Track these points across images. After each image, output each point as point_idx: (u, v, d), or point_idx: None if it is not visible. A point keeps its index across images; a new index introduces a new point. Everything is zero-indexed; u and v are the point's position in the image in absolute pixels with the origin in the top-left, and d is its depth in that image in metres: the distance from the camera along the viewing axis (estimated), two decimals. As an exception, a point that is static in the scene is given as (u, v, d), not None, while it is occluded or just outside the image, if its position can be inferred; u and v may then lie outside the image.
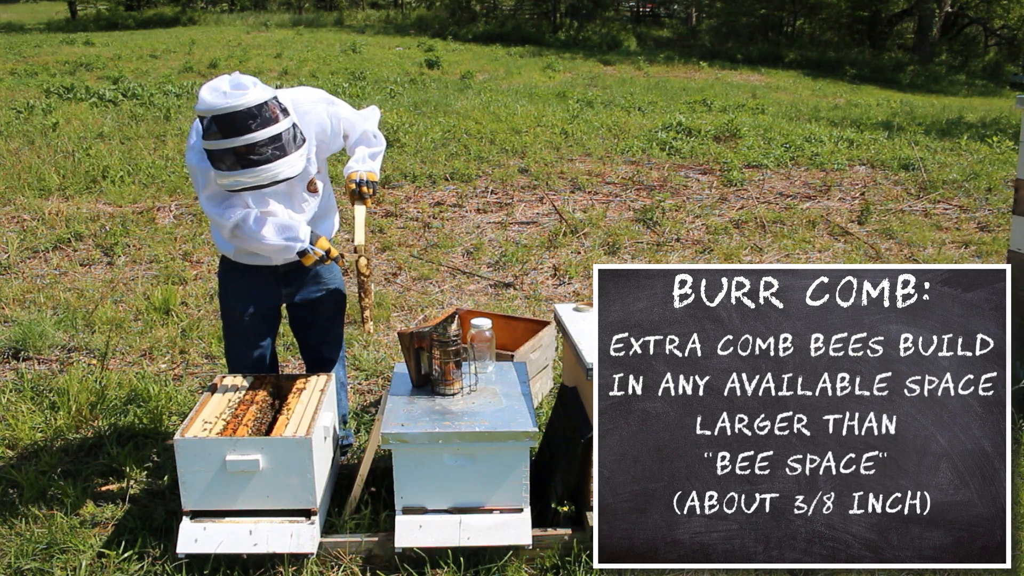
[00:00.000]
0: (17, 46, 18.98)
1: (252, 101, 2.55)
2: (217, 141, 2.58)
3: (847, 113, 12.57)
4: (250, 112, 2.55)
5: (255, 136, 2.57)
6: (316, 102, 2.90)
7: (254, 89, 2.58)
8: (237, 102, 2.54)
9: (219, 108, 2.54)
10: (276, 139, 2.61)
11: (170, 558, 2.65)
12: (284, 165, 2.65)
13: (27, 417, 3.58)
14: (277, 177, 2.65)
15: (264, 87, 2.64)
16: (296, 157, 2.69)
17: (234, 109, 2.53)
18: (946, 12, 24.27)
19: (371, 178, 2.97)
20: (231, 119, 2.54)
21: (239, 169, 2.61)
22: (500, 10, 29.76)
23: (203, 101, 2.55)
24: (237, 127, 2.55)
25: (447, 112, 10.32)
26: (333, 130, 2.95)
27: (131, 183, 7.12)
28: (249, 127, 2.56)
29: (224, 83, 2.59)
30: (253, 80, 2.62)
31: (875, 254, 6.16)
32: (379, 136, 3.08)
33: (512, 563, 2.66)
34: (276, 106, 2.64)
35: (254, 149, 2.58)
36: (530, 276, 5.65)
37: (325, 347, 3.26)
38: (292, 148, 2.67)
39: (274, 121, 2.60)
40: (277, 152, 2.62)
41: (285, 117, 2.65)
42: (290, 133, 2.67)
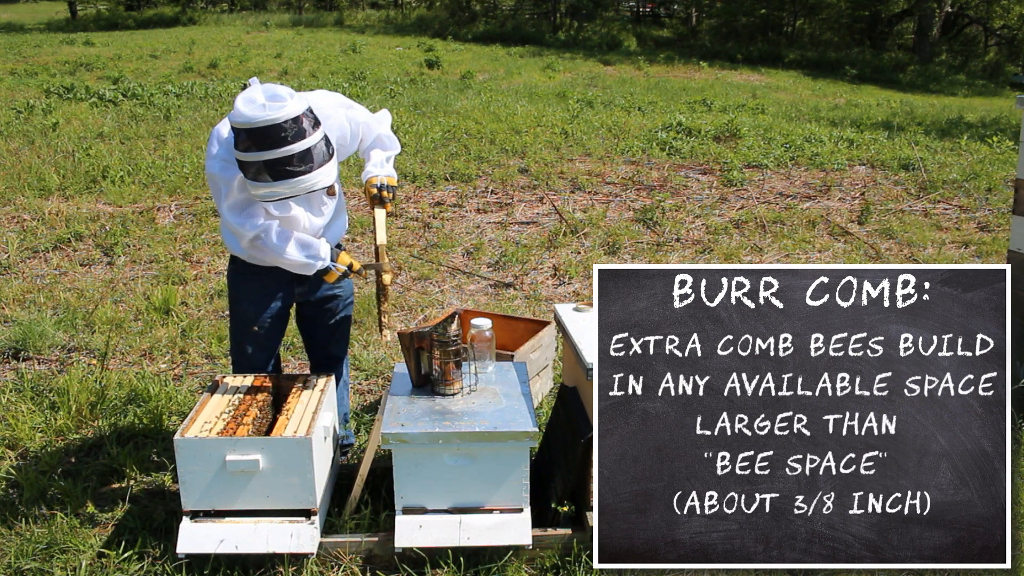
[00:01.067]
0: (17, 46, 18.98)
1: (290, 114, 2.53)
2: (253, 153, 2.56)
3: (847, 113, 12.57)
4: (287, 124, 2.53)
5: (292, 148, 2.55)
6: (336, 107, 2.90)
7: (291, 101, 2.55)
8: (276, 115, 2.51)
9: (258, 121, 2.51)
10: (313, 149, 2.60)
11: (170, 558, 2.65)
12: (320, 175, 2.64)
13: (27, 417, 3.58)
14: (314, 187, 2.65)
15: (300, 98, 2.61)
16: (330, 166, 2.69)
17: (273, 122, 2.51)
18: (946, 12, 24.28)
19: (391, 183, 3.00)
20: (268, 131, 2.52)
21: (276, 180, 2.59)
22: (500, 10, 29.76)
23: (240, 114, 2.52)
24: (274, 139, 2.53)
25: (447, 112, 10.32)
26: (352, 134, 2.96)
27: (131, 183, 7.12)
28: (285, 139, 2.54)
29: (260, 94, 2.56)
30: (288, 91, 2.60)
31: (875, 254, 6.16)
32: (393, 139, 3.10)
33: (512, 563, 2.66)
34: (311, 117, 2.62)
35: (291, 161, 2.56)
36: (530, 276, 5.65)
37: (334, 345, 3.27)
38: (326, 157, 2.66)
39: (309, 133, 2.59)
40: (313, 163, 2.60)
41: (318, 128, 2.64)
42: (323, 143, 2.66)
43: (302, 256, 2.82)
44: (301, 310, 3.19)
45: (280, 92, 2.57)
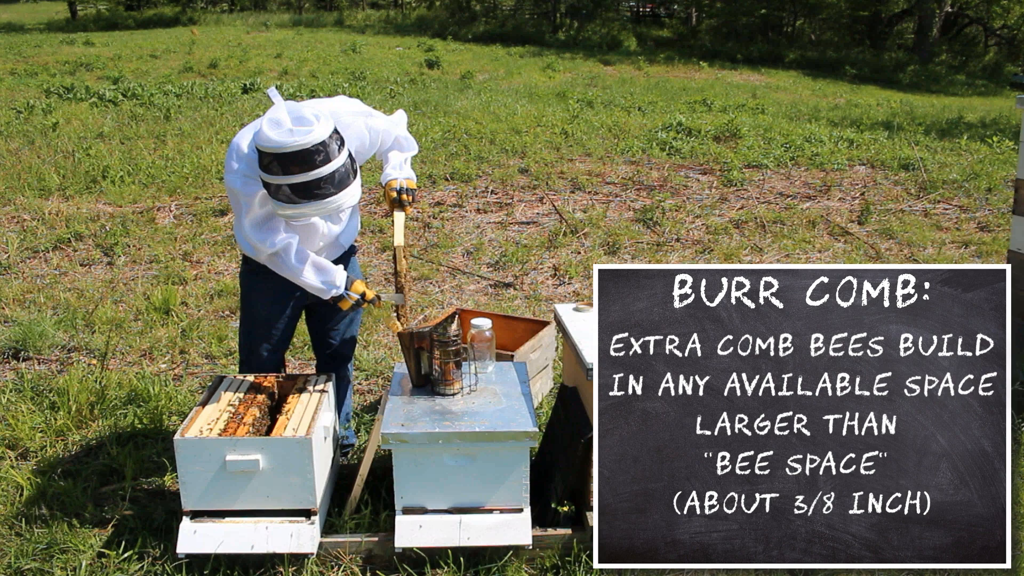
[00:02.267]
0: (17, 46, 18.97)
1: (317, 138, 2.52)
2: (280, 176, 2.55)
3: (847, 113, 12.57)
4: (317, 147, 2.52)
5: (320, 172, 2.54)
6: (355, 115, 2.90)
7: (318, 125, 2.53)
8: (303, 140, 2.50)
9: (287, 147, 2.50)
10: (340, 170, 2.59)
11: (170, 558, 2.65)
12: (346, 195, 2.64)
13: (27, 417, 3.58)
14: (342, 208, 2.66)
15: (325, 119, 2.59)
16: (356, 184, 2.69)
17: (300, 147, 2.50)
18: (946, 12, 24.27)
19: (410, 185, 3.01)
20: (295, 156, 2.51)
21: (303, 202, 2.59)
22: (500, 10, 29.76)
23: (268, 139, 2.51)
24: (301, 164, 2.52)
25: (447, 112, 10.32)
26: (371, 142, 2.97)
27: (131, 183, 7.12)
28: (313, 164, 2.52)
29: (287, 117, 2.54)
30: (315, 112, 2.58)
31: (875, 254, 6.16)
32: (410, 140, 3.10)
33: (512, 563, 2.66)
34: (337, 137, 2.61)
35: (319, 184, 2.56)
36: (530, 276, 5.65)
37: (343, 344, 3.28)
38: (351, 177, 2.66)
39: (335, 155, 2.58)
40: (339, 184, 2.60)
41: (343, 148, 2.63)
42: (348, 162, 2.65)
43: (318, 281, 2.84)
44: (312, 309, 3.20)
45: (306, 115, 2.55)
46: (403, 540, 2.62)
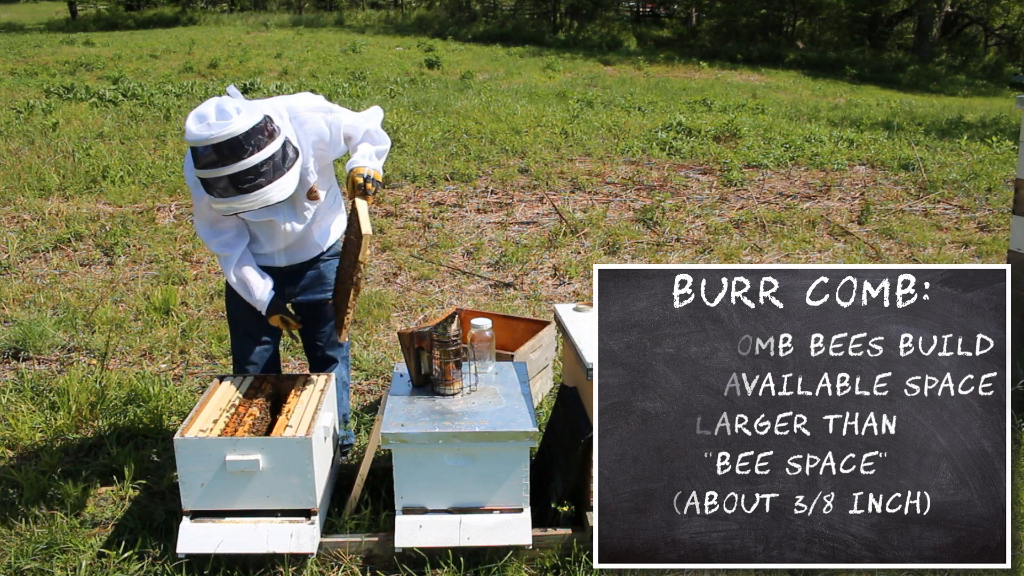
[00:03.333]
0: (17, 46, 18.97)
1: (236, 131, 2.51)
2: (204, 170, 2.57)
3: (847, 113, 12.57)
4: (235, 141, 2.51)
5: (242, 164, 2.53)
6: (314, 111, 2.86)
7: (238, 117, 2.52)
8: (220, 132, 2.49)
9: (203, 139, 2.51)
10: (264, 165, 2.57)
11: (170, 558, 2.65)
12: (274, 190, 2.62)
13: (27, 417, 3.58)
14: (269, 201, 2.63)
15: (250, 112, 2.57)
16: (287, 179, 2.66)
17: (217, 140, 2.50)
18: (946, 12, 24.27)
19: (376, 176, 2.91)
20: (216, 149, 2.52)
21: (230, 196, 2.59)
22: (500, 10, 29.76)
23: (188, 130, 2.53)
24: (222, 156, 2.52)
25: (447, 112, 10.32)
26: (333, 138, 2.91)
27: (131, 183, 7.12)
28: (235, 155, 2.52)
29: (211, 110, 2.54)
30: (238, 105, 2.56)
31: (875, 254, 6.16)
32: (383, 135, 3.02)
33: (512, 563, 2.66)
34: (263, 130, 2.58)
35: (242, 176, 2.55)
36: (530, 276, 5.65)
37: (328, 347, 3.26)
38: (282, 170, 2.63)
39: (260, 147, 2.55)
40: (265, 177, 2.58)
41: (271, 141, 2.60)
42: (279, 155, 2.62)
43: (243, 293, 2.97)
44: (296, 310, 3.20)
45: (227, 108, 2.54)
46: (403, 540, 2.62)
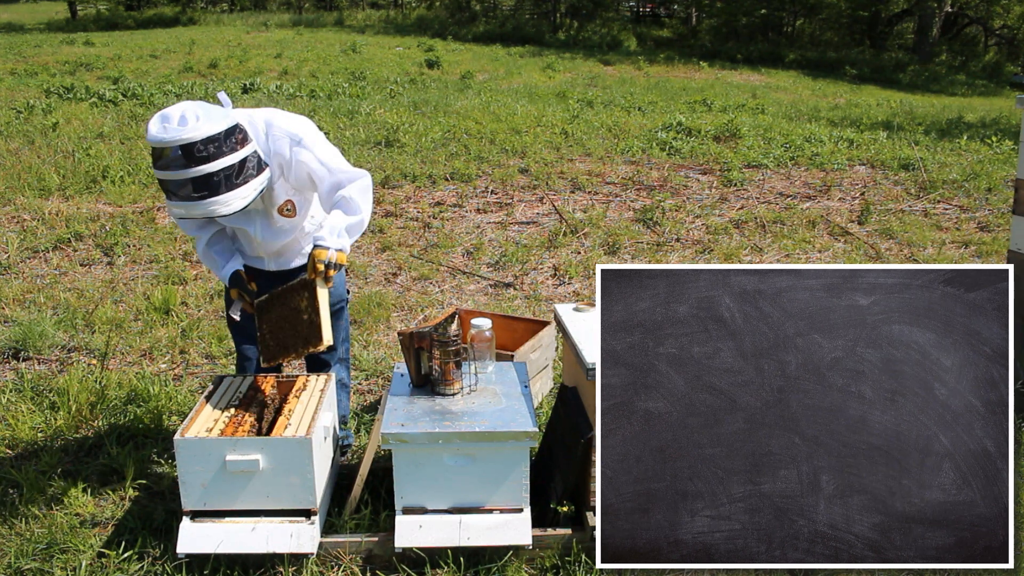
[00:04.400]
0: (17, 46, 18.97)
1: (190, 138, 2.48)
2: (155, 168, 2.57)
3: (847, 113, 12.57)
4: (187, 148, 2.49)
5: (187, 172, 2.51)
6: (283, 137, 2.77)
7: (197, 124, 2.49)
8: (173, 136, 2.48)
9: (155, 140, 2.50)
10: (212, 176, 2.53)
11: (170, 558, 2.64)
12: (217, 204, 2.57)
13: (27, 417, 3.58)
14: (212, 214, 2.60)
15: (215, 121, 2.53)
16: (236, 195, 2.59)
17: (168, 143, 2.48)
18: (946, 12, 24.27)
19: (340, 260, 2.72)
20: (163, 153, 2.51)
21: (173, 200, 2.58)
22: (500, 10, 29.76)
23: (148, 132, 2.52)
24: (171, 160, 2.51)
25: (447, 112, 10.32)
26: (296, 174, 2.80)
27: (131, 183, 7.11)
28: (184, 162, 2.50)
29: (175, 112, 2.52)
30: (204, 113, 2.53)
31: (875, 254, 6.16)
32: (356, 204, 2.77)
33: (512, 563, 2.66)
34: (222, 141, 2.54)
35: (186, 184, 2.53)
36: (530, 276, 5.64)
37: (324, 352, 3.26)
38: (233, 184, 2.58)
39: (211, 158, 2.51)
40: (210, 190, 2.54)
41: (228, 154, 2.55)
42: (234, 169, 2.57)
43: (211, 268, 3.03)
44: None
45: (190, 115, 2.51)
46: (403, 540, 2.61)
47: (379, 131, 8.95)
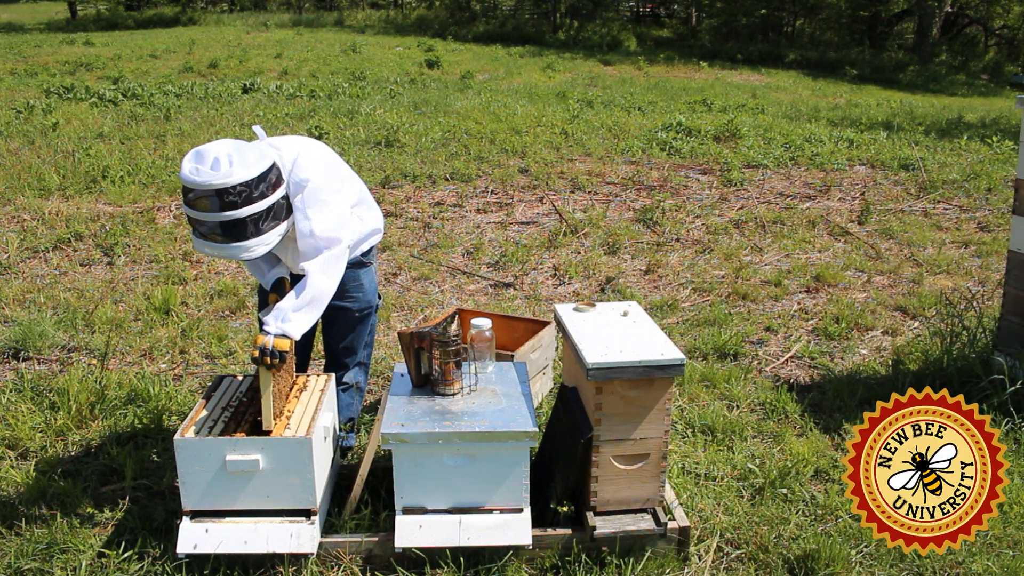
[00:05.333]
0: (17, 46, 18.98)
1: (219, 184, 2.46)
2: (185, 206, 2.57)
3: (847, 113, 12.57)
4: (206, 193, 2.48)
5: (200, 215, 2.51)
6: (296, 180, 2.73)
7: (228, 169, 2.47)
8: (199, 179, 2.46)
9: (187, 181, 2.49)
10: (236, 222, 2.52)
11: (170, 558, 2.64)
12: (241, 249, 2.57)
13: (27, 417, 3.58)
14: (234, 257, 2.60)
15: (243, 169, 2.50)
16: (261, 240, 2.59)
17: (195, 187, 2.48)
18: (946, 12, 24.27)
19: (279, 347, 2.64)
20: (189, 192, 2.51)
21: (197, 236, 2.59)
22: (500, 10, 29.77)
23: (181, 169, 2.50)
24: (193, 200, 2.51)
25: (447, 112, 10.32)
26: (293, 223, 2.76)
27: (131, 183, 7.11)
28: (201, 204, 2.50)
29: (209, 155, 2.49)
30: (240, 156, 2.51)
31: (875, 254, 6.16)
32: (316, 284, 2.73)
33: (512, 563, 2.66)
34: (249, 189, 2.51)
35: (202, 224, 2.53)
36: (530, 276, 5.65)
37: (341, 351, 3.29)
38: (257, 231, 2.57)
39: (239, 206, 2.50)
40: (232, 235, 2.54)
41: (254, 202, 2.53)
42: (259, 215, 2.55)
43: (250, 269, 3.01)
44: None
45: (223, 158, 2.48)
46: (403, 540, 2.62)
47: (379, 131, 8.96)
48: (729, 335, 4.55)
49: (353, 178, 3.13)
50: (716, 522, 2.94)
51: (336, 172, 2.94)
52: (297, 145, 2.82)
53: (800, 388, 4.08)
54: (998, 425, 3.45)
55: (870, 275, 5.72)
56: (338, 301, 3.12)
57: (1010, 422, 3.55)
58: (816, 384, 4.14)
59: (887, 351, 4.53)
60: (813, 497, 3.13)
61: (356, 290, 3.17)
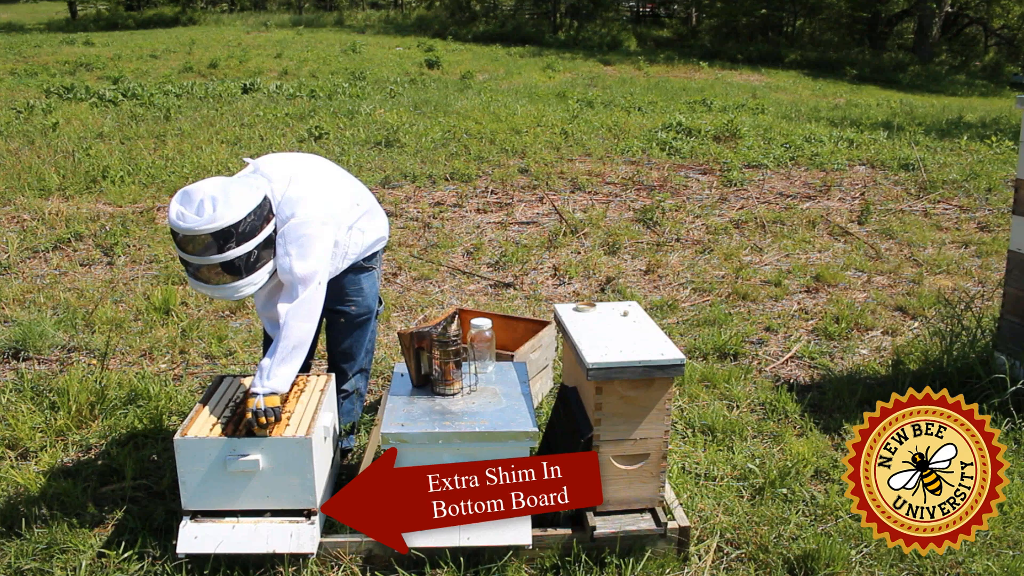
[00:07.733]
0: (17, 46, 18.98)
1: (203, 230, 2.47)
2: (175, 246, 2.59)
3: (847, 113, 12.57)
4: (189, 237, 2.49)
5: (186, 256, 2.54)
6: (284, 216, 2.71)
7: (211, 215, 2.46)
8: (184, 225, 2.47)
9: (173, 225, 2.50)
10: (222, 264, 2.53)
11: (170, 558, 2.64)
12: (230, 290, 2.59)
13: (27, 417, 3.58)
14: (225, 298, 2.64)
15: (231, 207, 2.49)
16: (248, 281, 2.60)
17: (180, 231, 2.49)
18: (946, 12, 24.28)
19: (270, 404, 2.64)
20: (175, 234, 2.53)
21: (189, 275, 2.62)
22: (500, 10, 29.77)
23: (169, 212, 2.51)
24: (180, 242, 2.53)
25: (447, 112, 10.33)
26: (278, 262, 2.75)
27: (131, 183, 7.12)
28: (186, 247, 2.52)
29: (195, 197, 2.49)
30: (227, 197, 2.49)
31: (875, 254, 6.16)
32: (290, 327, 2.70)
33: (512, 563, 2.66)
34: (232, 232, 2.51)
35: (188, 264, 2.56)
36: (530, 276, 5.65)
37: (339, 356, 3.28)
38: (248, 270, 2.59)
39: (223, 250, 2.51)
40: (219, 276, 2.56)
41: (239, 245, 2.53)
42: (242, 259, 2.55)
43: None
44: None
45: (207, 203, 2.47)
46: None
47: (379, 131, 8.96)
48: (729, 335, 4.55)
49: (355, 187, 3.10)
50: (716, 522, 2.94)
51: (329, 196, 2.87)
52: (289, 171, 2.80)
53: (800, 388, 4.08)
54: (998, 425, 3.45)
55: (870, 275, 5.72)
56: (337, 305, 3.12)
57: (1010, 422, 3.55)
58: (816, 384, 4.14)
59: (887, 351, 4.53)
60: (813, 497, 3.13)
61: (356, 294, 3.17)
